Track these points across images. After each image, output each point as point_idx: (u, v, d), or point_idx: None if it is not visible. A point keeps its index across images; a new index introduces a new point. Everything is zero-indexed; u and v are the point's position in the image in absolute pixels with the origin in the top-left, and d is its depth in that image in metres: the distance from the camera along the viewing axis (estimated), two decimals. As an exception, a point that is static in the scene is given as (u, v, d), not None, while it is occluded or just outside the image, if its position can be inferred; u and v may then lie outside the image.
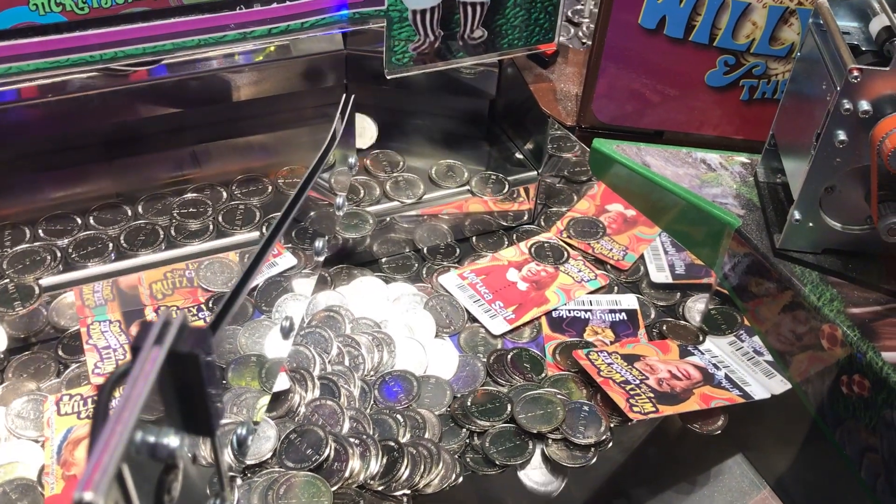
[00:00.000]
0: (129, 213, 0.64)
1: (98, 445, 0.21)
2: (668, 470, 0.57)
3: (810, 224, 0.53)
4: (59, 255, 0.59)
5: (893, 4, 0.51)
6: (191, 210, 0.64)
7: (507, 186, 0.67)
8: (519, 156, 0.70)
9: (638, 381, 0.54)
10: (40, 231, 0.61)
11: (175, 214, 0.63)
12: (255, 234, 0.63)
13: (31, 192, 0.65)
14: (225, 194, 0.66)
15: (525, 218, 0.69)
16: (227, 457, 0.44)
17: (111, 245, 0.61)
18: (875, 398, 0.48)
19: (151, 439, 0.24)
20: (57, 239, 0.61)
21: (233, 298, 0.32)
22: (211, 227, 0.63)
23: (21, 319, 0.55)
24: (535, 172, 0.67)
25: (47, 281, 0.57)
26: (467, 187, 0.67)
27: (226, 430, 0.44)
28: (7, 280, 0.57)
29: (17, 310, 0.55)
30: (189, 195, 0.65)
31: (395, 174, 0.68)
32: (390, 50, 0.59)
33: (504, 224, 0.68)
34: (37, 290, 0.56)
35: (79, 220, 0.63)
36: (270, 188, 0.67)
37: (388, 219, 0.65)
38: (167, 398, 0.25)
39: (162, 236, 0.62)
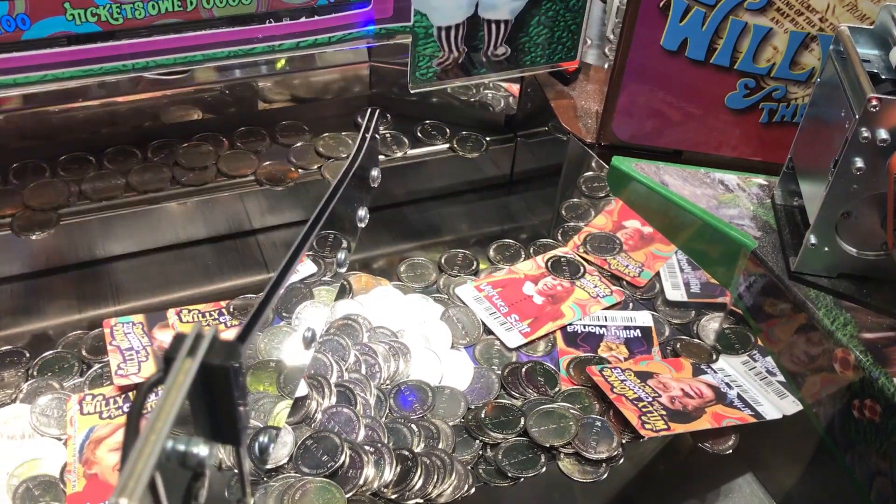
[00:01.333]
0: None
1: (133, 454, 0.22)
2: (679, 487, 0.58)
3: (826, 248, 0.53)
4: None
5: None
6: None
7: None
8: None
9: (650, 399, 0.55)
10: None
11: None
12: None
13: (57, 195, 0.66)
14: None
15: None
16: (248, 463, 0.45)
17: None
18: (886, 423, 0.48)
19: (182, 448, 0.25)
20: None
21: (260, 310, 0.33)
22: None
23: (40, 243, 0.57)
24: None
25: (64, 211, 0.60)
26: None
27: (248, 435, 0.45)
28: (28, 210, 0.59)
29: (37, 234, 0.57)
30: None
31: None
32: (415, 65, 0.60)
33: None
34: (54, 219, 0.58)
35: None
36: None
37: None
38: (197, 407, 0.26)
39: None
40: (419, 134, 0.71)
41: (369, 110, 0.55)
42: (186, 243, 0.66)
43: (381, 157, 0.66)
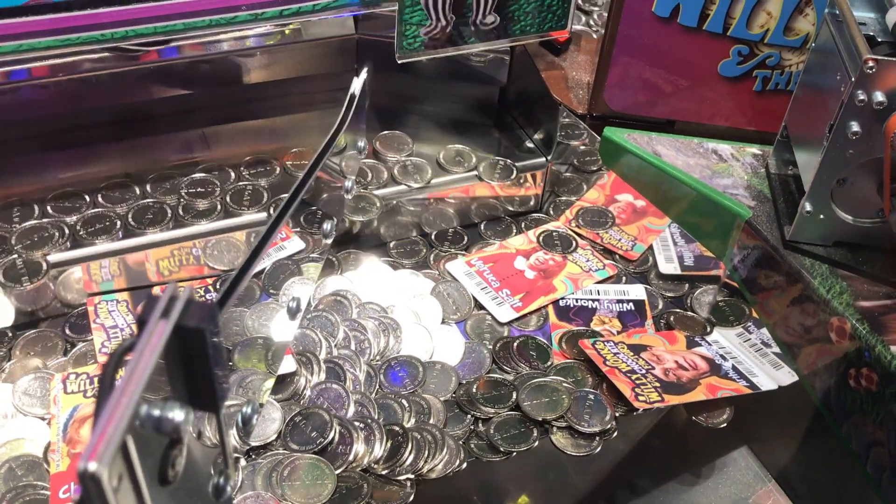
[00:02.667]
0: (138, 191, 0.64)
1: (103, 417, 0.21)
2: (673, 461, 0.57)
3: (821, 216, 0.53)
4: (67, 231, 0.60)
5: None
6: (199, 190, 0.64)
7: (514, 172, 0.67)
8: (529, 144, 0.70)
9: (644, 371, 0.54)
10: (49, 208, 0.61)
11: (183, 194, 0.64)
12: (263, 215, 0.63)
13: (40, 170, 0.65)
14: (233, 175, 0.66)
15: (532, 203, 0.68)
16: (233, 438, 0.44)
17: (119, 223, 0.61)
18: (883, 392, 0.48)
19: (156, 413, 0.24)
20: (65, 216, 0.61)
21: (240, 276, 0.32)
22: (219, 206, 0.63)
23: (28, 294, 0.55)
24: (544, 159, 0.67)
25: (55, 257, 0.58)
26: (475, 172, 0.67)
27: (231, 410, 0.44)
28: (15, 255, 0.57)
29: (24, 285, 0.55)
30: (197, 175, 0.65)
31: (403, 158, 0.68)
32: (402, 34, 0.59)
33: (511, 209, 0.68)
34: (44, 266, 0.56)
35: (87, 198, 0.63)
36: (279, 170, 0.67)
37: (395, 202, 0.64)
38: (172, 373, 0.25)
39: (170, 215, 0.62)
40: (441, 160, 0.69)
41: (353, 81, 0.54)
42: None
43: (404, 188, 0.65)
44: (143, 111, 0.69)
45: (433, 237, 0.66)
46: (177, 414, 0.24)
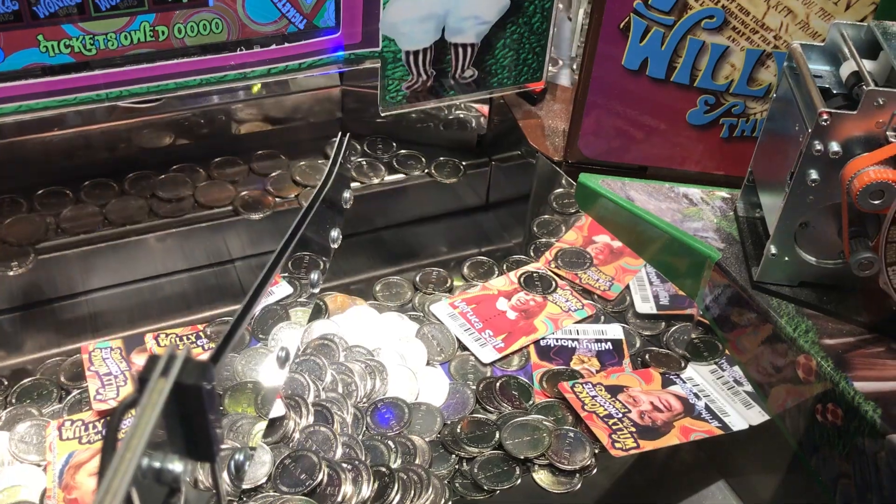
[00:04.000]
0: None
1: (109, 471, 0.23)
2: (652, 495, 0.59)
3: (786, 258, 0.55)
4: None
5: (862, 50, 0.53)
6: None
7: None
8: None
9: (621, 415, 0.56)
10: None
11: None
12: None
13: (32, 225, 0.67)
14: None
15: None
16: (225, 481, 0.46)
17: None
18: (848, 426, 0.50)
19: (157, 464, 0.26)
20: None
21: (233, 330, 0.34)
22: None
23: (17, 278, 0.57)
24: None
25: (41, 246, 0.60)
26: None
27: (223, 455, 0.46)
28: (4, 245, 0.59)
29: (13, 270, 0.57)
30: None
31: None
32: (384, 89, 0.62)
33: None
34: (32, 255, 0.58)
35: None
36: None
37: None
38: (171, 426, 0.27)
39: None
40: (395, 164, 0.73)
41: (339, 136, 0.56)
42: (165, 274, 0.66)
43: (357, 185, 0.67)
44: (132, 161, 0.71)
45: (418, 280, 0.68)
46: (176, 465, 0.26)
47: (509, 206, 0.77)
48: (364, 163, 0.73)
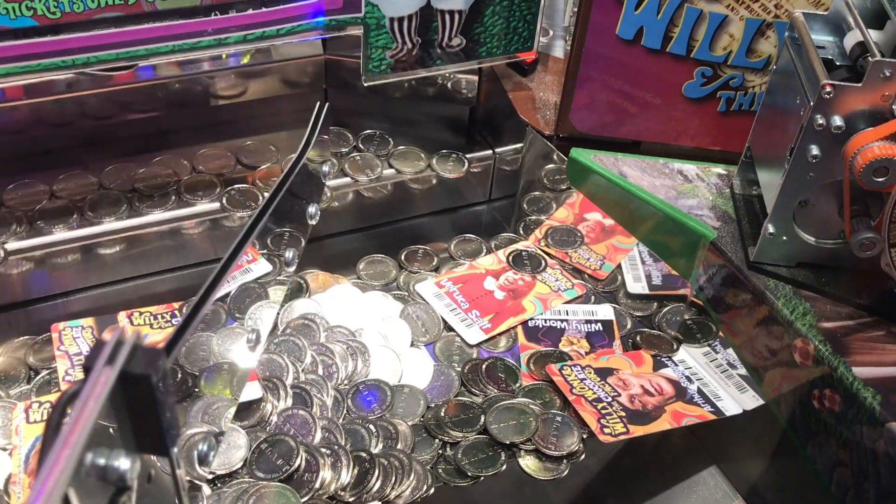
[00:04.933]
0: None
1: (44, 469, 0.21)
2: (642, 481, 0.58)
3: (784, 237, 0.53)
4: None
5: (868, 19, 0.51)
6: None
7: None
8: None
9: (610, 399, 0.54)
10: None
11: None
12: (216, 204, 0.64)
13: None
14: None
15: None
16: (196, 468, 0.44)
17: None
18: (846, 413, 0.48)
19: (102, 461, 0.23)
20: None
21: (194, 313, 0.32)
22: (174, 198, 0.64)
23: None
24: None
25: (12, 245, 0.58)
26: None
27: (193, 441, 0.44)
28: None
29: None
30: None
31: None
32: (368, 57, 0.59)
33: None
34: (2, 254, 0.56)
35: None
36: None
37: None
38: (121, 419, 0.25)
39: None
40: (391, 162, 0.70)
41: (318, 104, 0.54)
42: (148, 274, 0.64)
43: (352, 181, 0.65)
44: (110, 133, 0.68)
45: (403, 258, 0.66)
46: (122, 462, 0.23)
47: (503, 183, 0.75)
48: (359, 159, 0.70)
